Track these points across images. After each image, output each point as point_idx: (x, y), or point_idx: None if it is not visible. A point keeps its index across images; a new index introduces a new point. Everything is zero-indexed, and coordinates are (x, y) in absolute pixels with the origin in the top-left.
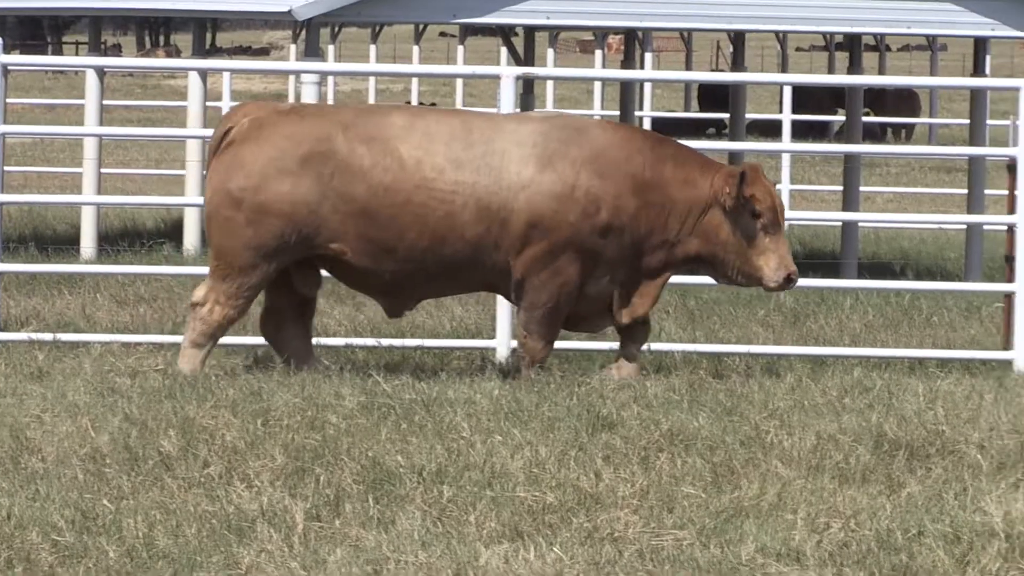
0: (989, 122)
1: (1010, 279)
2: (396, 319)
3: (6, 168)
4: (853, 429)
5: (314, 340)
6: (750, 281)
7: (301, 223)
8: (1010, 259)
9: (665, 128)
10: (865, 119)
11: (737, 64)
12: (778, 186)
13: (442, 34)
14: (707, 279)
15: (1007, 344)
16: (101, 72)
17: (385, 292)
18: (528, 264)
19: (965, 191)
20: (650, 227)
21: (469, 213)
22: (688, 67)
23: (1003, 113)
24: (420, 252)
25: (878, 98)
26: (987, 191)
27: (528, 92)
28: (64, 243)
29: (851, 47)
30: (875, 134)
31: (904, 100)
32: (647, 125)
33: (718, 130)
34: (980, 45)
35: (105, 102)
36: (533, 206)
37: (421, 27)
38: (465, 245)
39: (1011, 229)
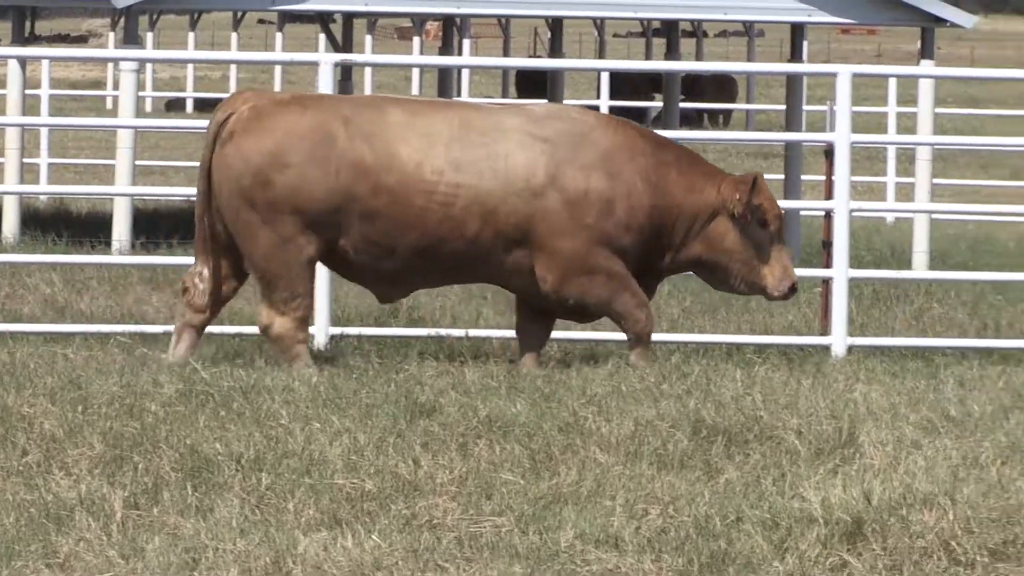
0: (806, 108)
1: (828, 265)
2: (388, 304)
3: None
4: (671, 415)
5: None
6: (752, 289)
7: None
8: (827, 244)
9: None
10: (682, 105)
11: (555, 50)
12: None
13: (260, 21)
14: None
15: (824, 330)
16: None
17: (384, 284)
18: (561, 275)
19: (782, 176)
20: (658, 229)
21: (471, 216)
22: (506, 53)
23: (820, 99)
24: (420, 251)
25: (695, 84)
26: (804, 177)
27: (347, 79)
28: None
29: (668, 33)
30: (692, 120)
31: (722, 86)
32: None
33: None
34: (797, 31)
35: None
36: (549, 214)
37: (240, 14)
38: (467, 245)
39: (828, 215)
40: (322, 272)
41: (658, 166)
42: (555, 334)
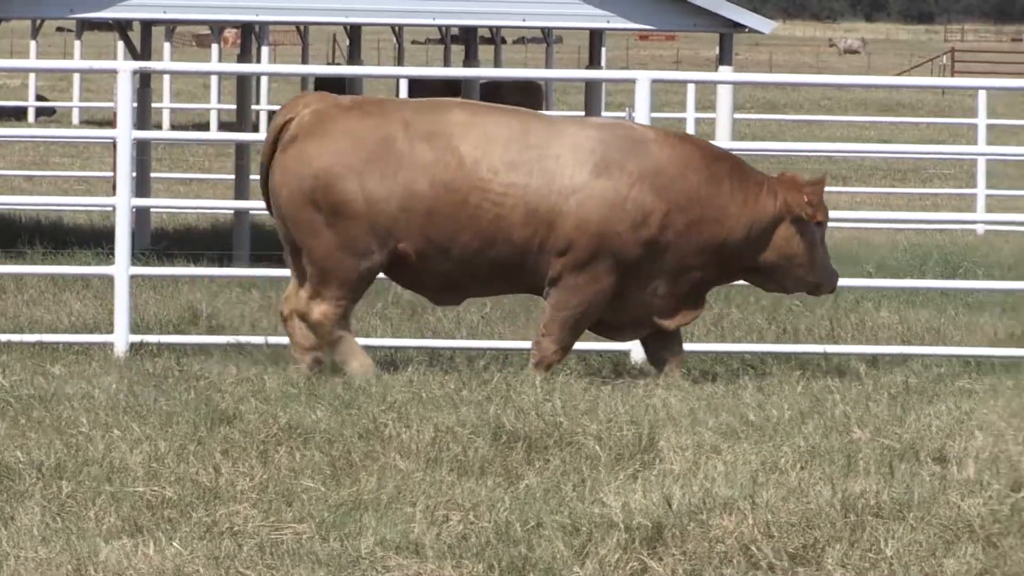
0: (604, 114)
1: None
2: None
3: None
4: (472, 421)
5: None
6: (805, 287)
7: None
8: None
9: None
10: None
11: (354, 57)
12: None
13: (59, 29)
14: None
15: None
16: None
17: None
18: (569, 265)
19: None
20: (702, 243)
21: (518, 215)
22: (305, 60)
23: (619, 105)
24: (472, 253)
25: (495, 91)
26: None
27: (145, 86)
28: None
29: (467, 40)
30: None
31: (528, 92)
32: (264, 118)
33: None
34: (596, 37)
35: None
36: (583, 211)
37: (38, 22)
38: (512, 248)
39: None
40: (122, 279)
41: (711, 179)
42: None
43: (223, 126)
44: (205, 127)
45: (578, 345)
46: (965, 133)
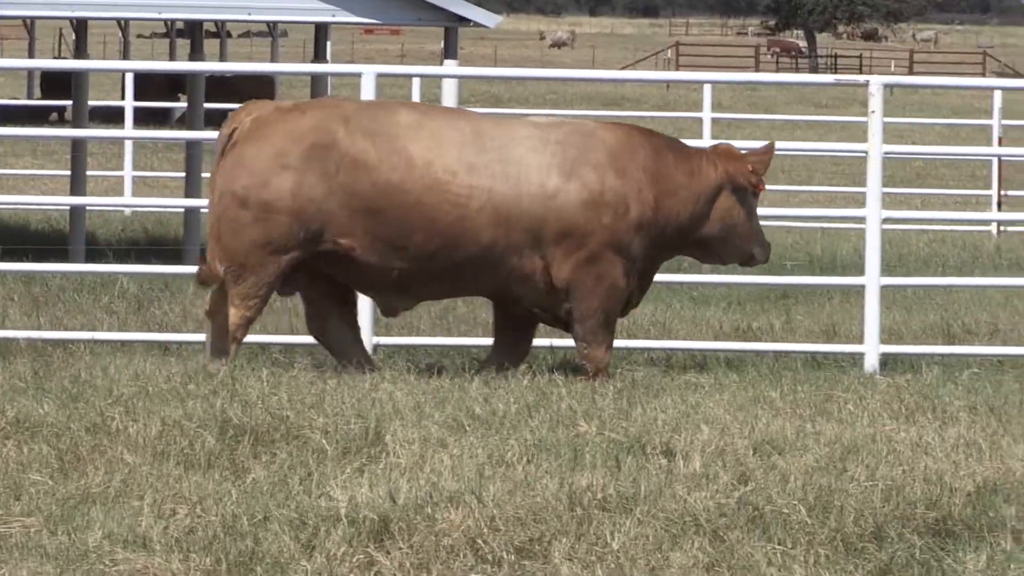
0: None
1: None
2: (391, 317)
3: None
4: (199, 415)
5: None
6: (740, 259)
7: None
8: None
9: (8, 116)
10: (214, 105)
11: (80, 51)
12: (121, 173)
13: None
14: None
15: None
16: None
17: (392, 291)
18: (572, 273)
19: None
20: (666, 218)
21: (485, 218)
22: (31, 55)
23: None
24: (429, 253)
25: (221, 85)
26: None
27: None
28: None
29: (192, 34)
30: (218, 121)
31: (261, 86)
32: None
33: (60, 117)
34: (321, 31)
35: None
36: (565, 215)
37: None
38: (479, 250)
39: None
40: None
41: (655, 153)
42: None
43: None
44: None
45: (305, 339)
46: (690, 127)
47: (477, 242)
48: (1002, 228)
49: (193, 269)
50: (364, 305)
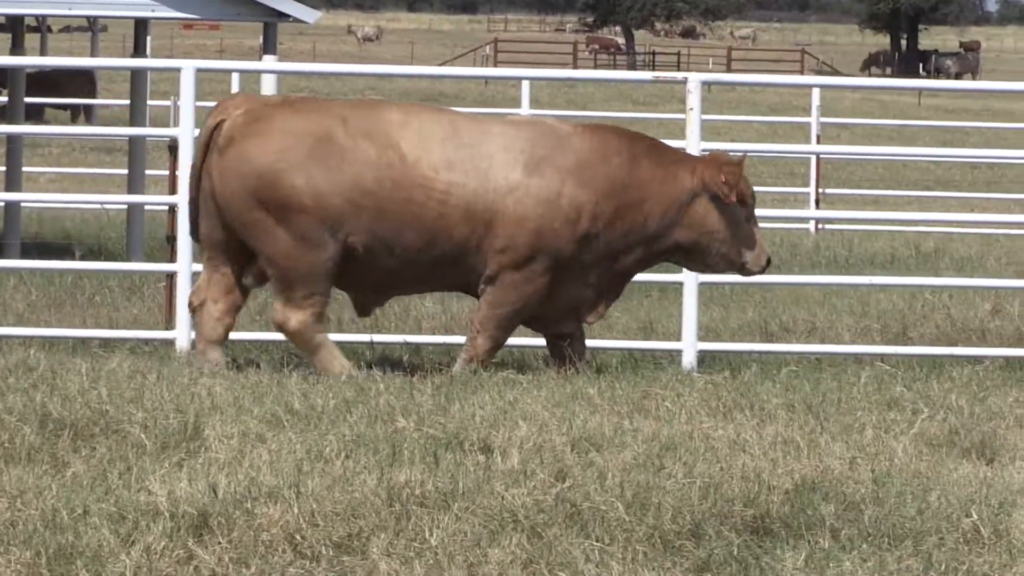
0: (150, 103)
1: (172, 259)
2: (364, 318)
3: None
4: (18, 409)
5: None
6: (730, 267)
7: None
8: (172, 239)
9: None
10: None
11: None
12: None
13: None
14: None
15: (169, 324)
16: None
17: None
18: (505, 263)
19: (126, 171)
20: (627, 228)
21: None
22: None
23: (163, 93)
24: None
25: (41, 80)
26: (148, 171)
27: None
28: None
29: (13, 28)
30: (40, 116)
31: (83, 81)
32: None
33: None
34: (141, 26)
35: None
36: (520, 209)
37: None
38: (453, 246)
39: (172, 209)
40: None
41: (631, 161)
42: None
43: None
44: None
45: (125, 333)
46: None
47: (451, 238)
48: (820, 226)
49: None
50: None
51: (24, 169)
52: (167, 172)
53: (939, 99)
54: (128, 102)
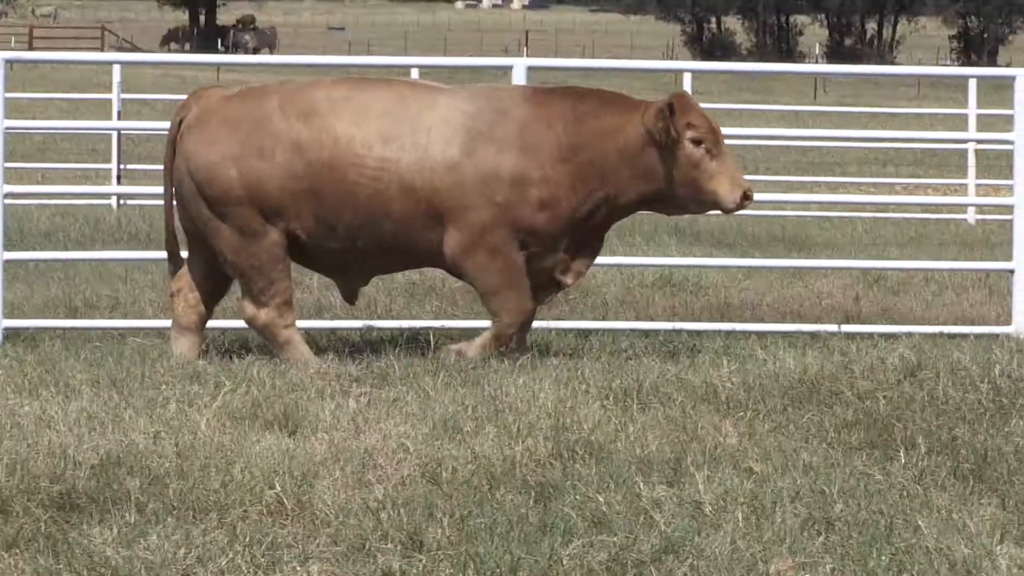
0: None
1: None
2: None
3: None
4: None
5: None
6: (705, 207)
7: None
8: None
9: None
10: None
11: None
12: None
13: None
14: None
15: None
16: None
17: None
18: (459, 248)
19: None
20: (588, 188)
21: (394, 191)
22: None
23: None
24: (356, 231)
25: None
26: None
27: None
28: None
29: None
30: None
31: None
32: None
33: None
34: None
35: None
36: (458, 187)
37: None
38: (393, 224)
39: None
40: None
41: (576, 121)
42: None
43: None
44: None
45: None
46: None
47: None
48: (122, 201)
49: None
50: None
51: None
52: None
53: (238, 74)
54: None
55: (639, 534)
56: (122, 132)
